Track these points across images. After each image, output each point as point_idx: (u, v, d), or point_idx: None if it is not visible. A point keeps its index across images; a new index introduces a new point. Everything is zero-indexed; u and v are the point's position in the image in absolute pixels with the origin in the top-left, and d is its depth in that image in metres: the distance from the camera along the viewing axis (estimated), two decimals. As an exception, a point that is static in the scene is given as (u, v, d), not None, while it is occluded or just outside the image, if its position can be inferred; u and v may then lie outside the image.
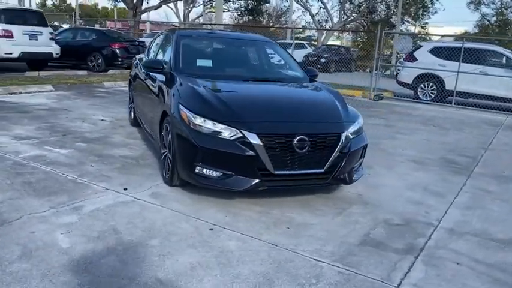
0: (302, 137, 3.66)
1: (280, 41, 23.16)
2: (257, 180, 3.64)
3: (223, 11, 44.78)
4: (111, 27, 22.47)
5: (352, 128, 4.05)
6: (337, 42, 42.95)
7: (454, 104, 12.10)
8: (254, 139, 3.56)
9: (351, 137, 4.00)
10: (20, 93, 9.23)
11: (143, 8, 19.50)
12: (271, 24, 46.30)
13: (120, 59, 14.98)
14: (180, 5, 37.96)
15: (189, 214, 3.59)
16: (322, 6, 32.99)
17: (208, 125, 3.65)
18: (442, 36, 23.59)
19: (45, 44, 13.37)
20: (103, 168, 4.59)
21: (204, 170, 3.69)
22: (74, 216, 3.40)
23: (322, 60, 21.33)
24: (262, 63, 5.36)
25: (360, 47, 31.59)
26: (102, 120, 7.02)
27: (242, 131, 3.58)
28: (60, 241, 2.98)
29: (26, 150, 5.07)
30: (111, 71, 14.73)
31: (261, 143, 3.57)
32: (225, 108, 3.78)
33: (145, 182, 4.25)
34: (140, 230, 3.26)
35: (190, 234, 3.25)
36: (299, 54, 22.82)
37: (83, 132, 6.14)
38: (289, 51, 23.57)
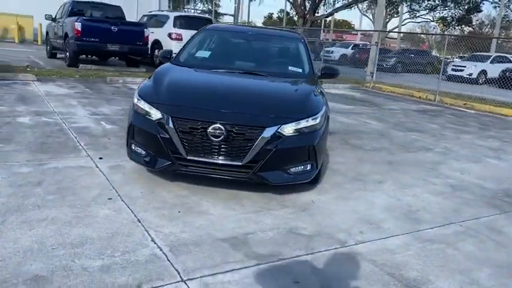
0: (217, 125, 3.61)
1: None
2: (169, 162, 3.75)
3: (427, 21, 42.23)
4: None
5: (292, 125, 3.75)
6: None
7: None
8: (169, 122, 3.69)
9: (287, 133, 3.71)
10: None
11: (315, 16, 20.09)
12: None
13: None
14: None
15: (114, 184, 3.94)
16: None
17: (142, 106, 3.92)
18: None
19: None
20: (113, 142, 5.28)
21: (136, 147, 3.98)
22: (31, 169, 4.13)
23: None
24: (269, 58, 5.29)
25: None
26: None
27: (162, 113, 3.75)
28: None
29: (82, 122, 6.15)
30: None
31: (173, 127, 3.67)
32: (163, 93, 3.99)
33: (121, 156, 4.73)
34: (56, 186, 3.77)
35: (88, 198, 3.60)
36: (495, 69, 20.01)
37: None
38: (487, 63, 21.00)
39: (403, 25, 39.40)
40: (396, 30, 37.45)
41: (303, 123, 3.81)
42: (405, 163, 5.64)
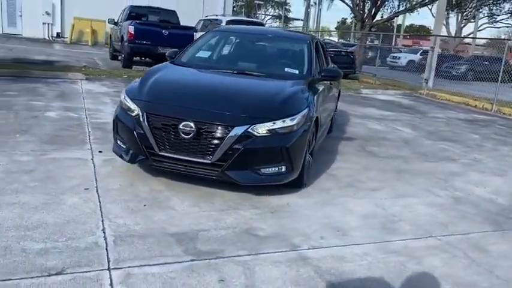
0: (187, 122, 3.67)
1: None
2: (143, 157, 3.87)
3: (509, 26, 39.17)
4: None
5: (265, 125, 3.71)
6: None
7: None
8: (144, 118, 3.81)
9: (259, 133, 3.68)
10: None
11: (374, 20, 19.49)
12: None
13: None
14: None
15: (98, 176, 4.13)
16: None
17: (125, 101, 4.08)
18: None
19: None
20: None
21: (119, 141, 4.15)
22: (30, 158, 4.45)
23: None
24: (268, 59, 5.26)
25: None
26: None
27: (139, 109, 3.88)
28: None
29: (103, 118, 6.50)
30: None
31: (146, 123, 3.79)
32: (144, 90, 4.10)
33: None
34: (45, 174, 4.03)
35: (66, 187, 3.80)
36: None
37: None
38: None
39: (479, 30, 37.01)
40: (471, 36, 35.29)
41: (278, 124, 3.76)
42: (416, 173, 5.33)
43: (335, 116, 7.09)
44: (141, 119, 3.80)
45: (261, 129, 3.70)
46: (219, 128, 3.65)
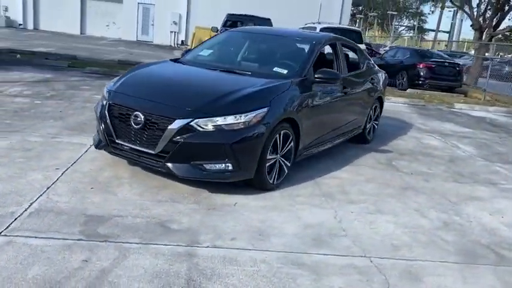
0: (138, 113, 3.82)
1: None
2: (104, 144, 4.12)
3: None
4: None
5: (210, 120, 3.68)
6: None
7: None
8: (106, 106, 4.07)
9: (202, 128, 3.67)
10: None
11: (496, 29, 17.37)
12: None
13: (421, 79, 14.58)
14: None
15: (80, 160, 4.48)
16: None
17: (103, 91, 4.39)
18: None
19: (351, 59, 14.86)
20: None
21: (96, 128, 4.47)
22: (39, 139, 5.01)
23: None
24: (263, 58, 5.15)
25: None
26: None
27: (106, 98, 4.15)
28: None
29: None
30: (409, 90, 14.59)
31: (107, 111, 4.03)
32: (119, 82, 4.35)
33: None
34: (37, 153, 4.52)
35: (43, 165, 4.21)
36: None
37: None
38: None
39: None
40: None
41: (224, 120, 3.69)
42: (425, 191, 4.73)
43: (373, 126, 6.59)
44: (105, 108, 4.05)
45: (205, 123, 3.67)
46: (163, 119, 3.72)
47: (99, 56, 14.10)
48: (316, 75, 4.60)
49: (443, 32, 58.62)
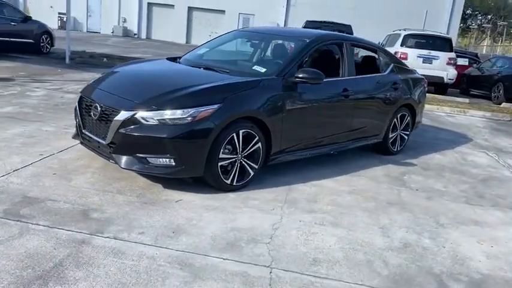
0: (96, 104, 3.99)
1: None
2: (76, 134, 4.35)
3: None
4: None
5: (152, 113, 3.68)
6: None
7: None
8: (78, 99, 4.31)
9: (145, 121, 3.68)
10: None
11: None
12: None
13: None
14: None
15: (67, 149, 4.82)
16: None
17: (87, 85, 4.66)
18: None
19: (439, 68, 13.75)
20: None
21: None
22: (51, 129, 5.48)
23: None
24: (251, 57, 4.96)
25: None
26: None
27: (81, 91, 4.39)
28: None
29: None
30: (504, 104, 13.00)
31: (78, 102, 4.27)
32: (101, 76, 4.58)
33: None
34: (34, 140, 4.94)
35: (32, 152, 4.59)
36: None
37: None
38: None
39: None
40: None
41: (170, 114, 3.67)
42: (415, 211, 4.18)
43: (400, 136, 5.99)
44: (77, 100, 4.29)
45: (149, 116, 3.68)
46: (112, 111, 3.82)
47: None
48: (296, 75, 4.34)
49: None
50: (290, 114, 4.34)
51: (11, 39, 12.44)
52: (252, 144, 4.08)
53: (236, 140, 3.94)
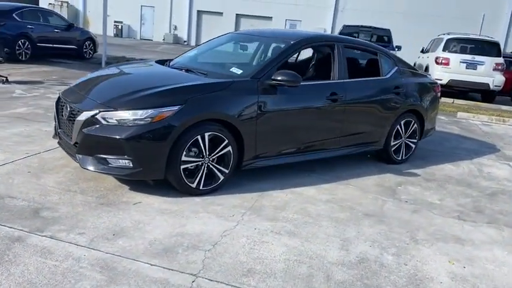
0: (67, 105, 4.06)
1: None
2: (54, 133, 4.44)
3: None
4: None
5: (111, 114, 3.68)
6: None
7: None
8: (56, 99, 4.41)
9: (104, 122, 3.68)
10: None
11: None
12: None
13: None
14: None
15: (54, 148, 4.94)
16: None
17: (72, 87, 4.75)
18: None
19: (484, 74, 12.94)
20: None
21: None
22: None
23: None
24: (236, 59, 4.82)
25: None
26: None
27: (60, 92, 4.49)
28: None
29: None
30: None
31: (55, 103, 4.36)
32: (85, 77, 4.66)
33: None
34: (34, 139, 5.12)
35: (18, 150, 4.75)
36: None
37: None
38: None
39: None
40: None
41: (128, 115, 3.65)
42: (393, 224, 3.88)
43: (405, 144, 5.63)
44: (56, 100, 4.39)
45: (108, 117, 3.68)
46: (76, 111, 3.85)
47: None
48: (273, 77, 4.17)
49: None
50: (266, 118, 4.18)
51: (54, 45, 13.07)
52: (220, 148, 3.96)
53: (202, 143, 3.84)
